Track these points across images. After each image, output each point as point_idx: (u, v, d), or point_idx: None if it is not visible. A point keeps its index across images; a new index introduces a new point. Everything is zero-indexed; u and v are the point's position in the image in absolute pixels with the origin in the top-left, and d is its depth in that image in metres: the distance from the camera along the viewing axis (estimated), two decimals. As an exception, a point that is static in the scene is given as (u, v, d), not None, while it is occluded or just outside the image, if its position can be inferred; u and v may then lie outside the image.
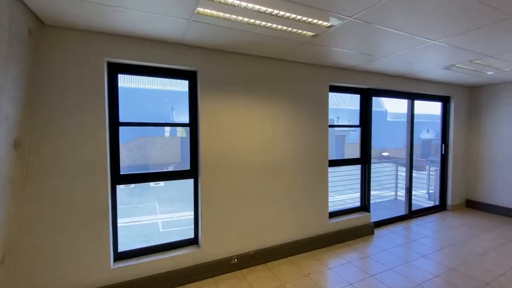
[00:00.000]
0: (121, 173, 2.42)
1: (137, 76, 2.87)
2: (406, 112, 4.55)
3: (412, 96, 4.35)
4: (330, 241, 3.43)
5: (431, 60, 3.13)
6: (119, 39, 2.25)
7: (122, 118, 2.43)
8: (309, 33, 2.23)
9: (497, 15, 1.93)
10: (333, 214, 3.65)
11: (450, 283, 2.56)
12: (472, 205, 4.96)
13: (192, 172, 2.71)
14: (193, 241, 2.77)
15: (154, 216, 6.87)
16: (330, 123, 3.48)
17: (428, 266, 2.90)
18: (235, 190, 2.81)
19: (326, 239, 3.40)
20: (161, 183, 10.64)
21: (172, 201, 8.32)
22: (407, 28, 2.17)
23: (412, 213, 4.49)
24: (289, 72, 3.08)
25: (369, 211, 3.86)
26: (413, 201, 4.53)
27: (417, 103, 4.49)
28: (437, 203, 4.93)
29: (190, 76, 2.65)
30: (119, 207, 2.45)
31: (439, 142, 4.91)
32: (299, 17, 1.94)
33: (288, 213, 3.15)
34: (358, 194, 4.01)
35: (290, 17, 1.94)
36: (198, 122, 2.66)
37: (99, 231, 2.25)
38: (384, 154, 20.33)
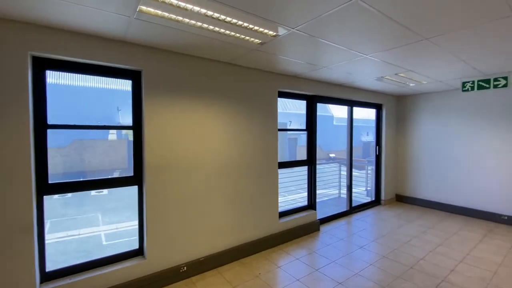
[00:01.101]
0: (49, 182, 2.14)
1: (79, 74, 2.60)
2: (353, 117, 5.01)
3: (351, 103, 4.82)
4: (280, 240, 3.57)
5: (366, 71, 3.52)
6: (48, 31, 2.00)
7: (52, 120, 2.16)
8: (257, 40, 2.30)
9: (413, 36, 2.27)
10: (282, 214, 3.80)
11: (382, 269, 2.90)
12: (401, 199, 5.70)
13: (135, 178, 2.54)
14: (138, 252, 2.59)
15: (96, 228, 6.21)
16: (283, 127, 3.63)
17: (365, 256, 3.23)
18: (183, 196, 2.73)
19: (277, 239, 3.53)
20: (105, 191, 9.70)
21: (117, 210, 7.65)
22: (343, 42, 2.41)
23: (353, 209, 4.95)
24: (239, 77, 3.13)
25: (315, 209, 4.13)
26: (354, 198, 5.00)
27: (357, 109, 5.00)
28: (373, 199, 5.53)
29: (134, 76, 2.50)
30: (51, 220, 2.18)
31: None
32: (246, 24, 1.99)
33: (239, 216, 3.18)
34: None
35: (237, 24, 1.98)
36: (142, 124, 2.51)
37: (21, 249, 1.95)
38: (331, 155, 22.01)
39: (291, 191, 7.59)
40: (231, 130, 3.08)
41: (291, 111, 20.90)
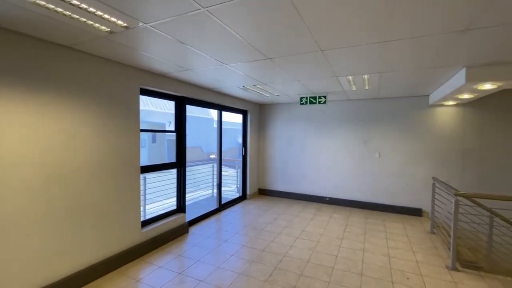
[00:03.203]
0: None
1: None
2: (230, 121, 5.32)
3: (221, 107, 5.14)
4: (144, 250, 3.29)
5: (231, 80, 3.84)
6: None
7: None
8: (104, 27, 2.02)
9: (258, 54, 2.67)
10: (147, 222, 3.54)
11: (240, 258, 3.24)
12: (263, 192, 6.62)
13: None
14: None
15: None
16: (161, 128, 3.35)
17: (228, 248, 3.51)
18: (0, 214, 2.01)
19: (140, 249, 3.23)
20: None
21: None
22: (203, 49, 2.52)
23: (222, 206, 5.29)
24: (92, 67, 2.64)
25: (184, 212, 4.10)
26: (226, 195, 5.35)
27: (229, 113, 5.38)
28: (241, 194, 6.13)
29: None
30: None
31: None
32: (85, 6, 1.70)
33: (88, 230, 2.68)
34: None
35: (74, 3, 1.66)
36: None
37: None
38: (211, 156, 22.73)
39: (167, 194, 7.21)
40: (80, 128, 2.55)
41: (171, 111, 19.93)
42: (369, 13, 1.78)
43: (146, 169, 3.47)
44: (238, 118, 6.26)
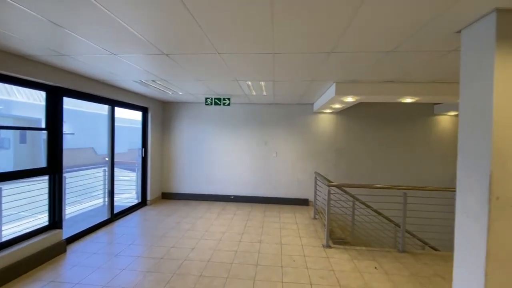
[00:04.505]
0: None
1: None
2: (130, 118, 4.65)
3: (113, 103, 4.51)
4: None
5: (126, 73, 3.42)
6: None
7: None
8: None
9: (150, 47, 2.49)
10: (3, 246, 2.71)
11: (134, 270, 2.93)
12: (166, 196, 6.23)
13: None
14: None
15: None
16: (35, 125, 2.54)
17: (119, 263, 3.11)
18: None
19: (-15, 285, 2.44)
20: None
21: None
22: (82, 34, 2.14)
23: (115, 216, 4.66)
24: None
25: (61, 227, 3.38)
26: (123, 203, 4.71)
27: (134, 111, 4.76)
28: (140, 200, 5.57)
29: None
30: None
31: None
32: None
33: None
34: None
35: None
36: None
37: None
38: (107, 159, 19.65)
39: (37, 208, 5.69)
40: None
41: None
42: (255, 26, 1.94)
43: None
44: (137, 115, 5.66)
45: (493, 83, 1.61)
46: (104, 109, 4.47)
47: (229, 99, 4.96)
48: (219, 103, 4.94)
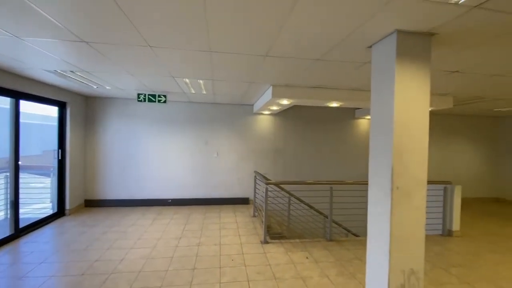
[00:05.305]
0: None
1: None
2: (43, 114, 3.86)
3: (18, 95, 3.74)
4: None
5: (35, 60, 2.88)
6: None
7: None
8: None
9: (68, 34, 2.16)
10: None
11: (45, 293, 2.49)
12: (91, 204, 5.49)
13: None
14: None
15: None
16: None
17: (24, 286, 2.59)
18: None
19: None
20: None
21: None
22: (-37, 5, 1.71)
23: (22, 230, 3.87)
24: None
25: None
26: (34, 215, 3.93)
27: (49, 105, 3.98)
28: (56, 210, 4.76)
29: None
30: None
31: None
32: None
33: None
34: None
35: None
36: None
37: None
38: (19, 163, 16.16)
39: None
40: None
41: None
42: (188, 21, 1.88)
43: None
44: (52, 111, 4.82)
45: (394, 91, 1.93)
46: (2, 101, 3.65)
47: (165, 96, 4.68)
48: (154, 100, 4.62)
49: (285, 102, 4.22)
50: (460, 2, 1.53)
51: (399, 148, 1.92)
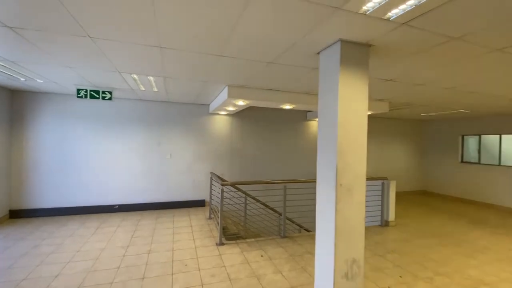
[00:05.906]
0: None
1: None
2: None
3: None
4: None
5: None
6: None
7: None
8: None
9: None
10: None
11: (-50, 326, 2.06)
12: (17, 214, 4.73)
13: None
14: None
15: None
16: None
17: None
18: None
19: None
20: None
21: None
22: None
23: None
24: None
25: None
26: None
27: None
28: (-31, 225, 3.99)
29: None
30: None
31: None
32: None
33: None
34: None
35: None
36: None
37: None
38: None
39: None
40: None
41: None
42: (134, 11, 1.76)
43: None
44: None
45: (338, 95, 2.09)
46: None
47: (110, 92, 4.29)
48: (97, 96, 4.20)
49: (241, 103, 4.24)
50: (391, 18, 1.74)
51: (342, 148, 2.09)
